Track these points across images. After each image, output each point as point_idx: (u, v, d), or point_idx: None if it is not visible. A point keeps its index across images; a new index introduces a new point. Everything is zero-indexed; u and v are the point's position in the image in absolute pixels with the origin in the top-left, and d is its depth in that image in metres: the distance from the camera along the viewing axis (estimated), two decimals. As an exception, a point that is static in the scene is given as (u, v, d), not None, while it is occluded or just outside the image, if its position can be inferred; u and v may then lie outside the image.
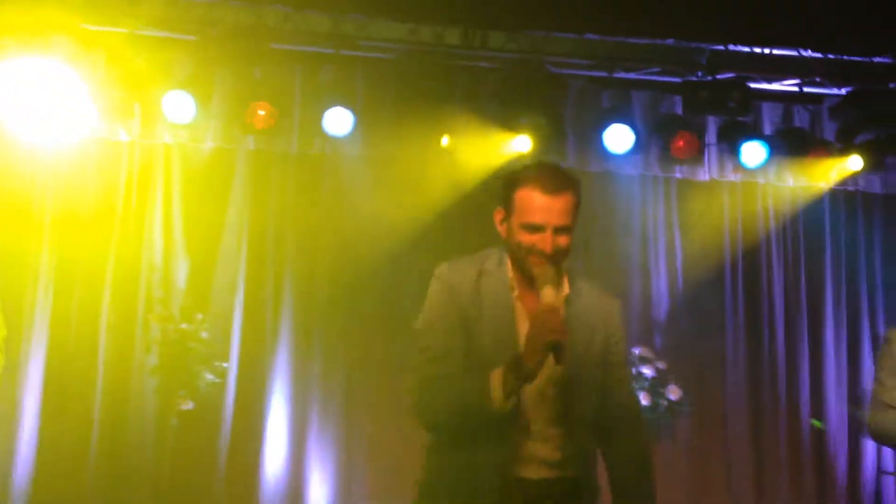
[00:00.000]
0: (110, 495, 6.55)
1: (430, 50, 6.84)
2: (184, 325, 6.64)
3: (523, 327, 2.85)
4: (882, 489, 7.58)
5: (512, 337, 2.85)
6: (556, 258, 2.87)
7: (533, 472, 2.87)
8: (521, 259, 2.90)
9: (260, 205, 7.11)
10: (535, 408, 2.87)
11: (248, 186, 7.11)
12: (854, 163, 7.29)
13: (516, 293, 2.92)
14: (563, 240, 2.88)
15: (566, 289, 2.98)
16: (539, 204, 2.85)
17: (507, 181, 2.95)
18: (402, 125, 6.87)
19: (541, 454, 2.88)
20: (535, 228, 2.85)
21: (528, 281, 2.90)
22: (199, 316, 6.72)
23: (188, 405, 6.58)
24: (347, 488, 7.00)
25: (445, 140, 6.90)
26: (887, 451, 7.41)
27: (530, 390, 2.83)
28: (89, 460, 6.56)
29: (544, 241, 2.84)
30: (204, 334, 6.65)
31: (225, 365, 6.80)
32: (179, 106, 6.63)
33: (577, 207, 2.91)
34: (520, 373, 2.71)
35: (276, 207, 7.15)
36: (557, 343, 2.66)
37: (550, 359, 2.69)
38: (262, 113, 6.72)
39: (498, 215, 2.97)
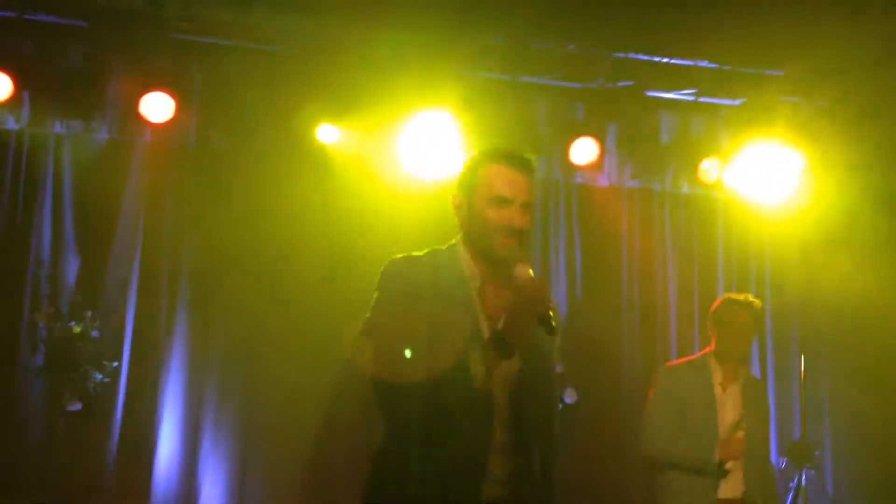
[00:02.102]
0: (-6, 499, 6.26)
1: (334, 44, 6.75)
2: (73, 324, 6.37)
3: (484, 322, 2.76)
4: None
5: (474, 333, 2.72)
6: (522, 238, 2.79)
7: (484, 492, 2.70)
8: (485, 240, 2.80)
9: (156, 199, 6.91)
10: (498, 402, 2.73)
11: (144, 180, 6.89)
12: (746, 172, 7.50)
13: (477, 284, 2.81)
14: (527, 219, 2.81)
15: None
16: (506, 177, 2.79)
17: (469, 161, 2.89)
18: (303, 121, 6.77)
19: (495, 469, 2.71)
20: (504, 202, 2.77)
21: (489, 269, 2.81)
22: (89, 314, 6.45)
23: (76, 406, 6.31)
24: (241, 492, 6.83)
25: (325, 132, 6.80)
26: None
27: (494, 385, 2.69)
28: (-30, 464, 6.26)
29: (512, 216, 2.77)
30: (94, 333, 6.39)
31: (115, 364, 6.57)
32: (72, 94, 6.39)
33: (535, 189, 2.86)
34: (503, 348, 2.61)
35: (173, 202, 6.95)
36: (546, 314, 2.59)
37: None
38: (158, 105, 6.53)
39: (456, 199, 2.88)
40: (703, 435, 4.79)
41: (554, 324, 2.61)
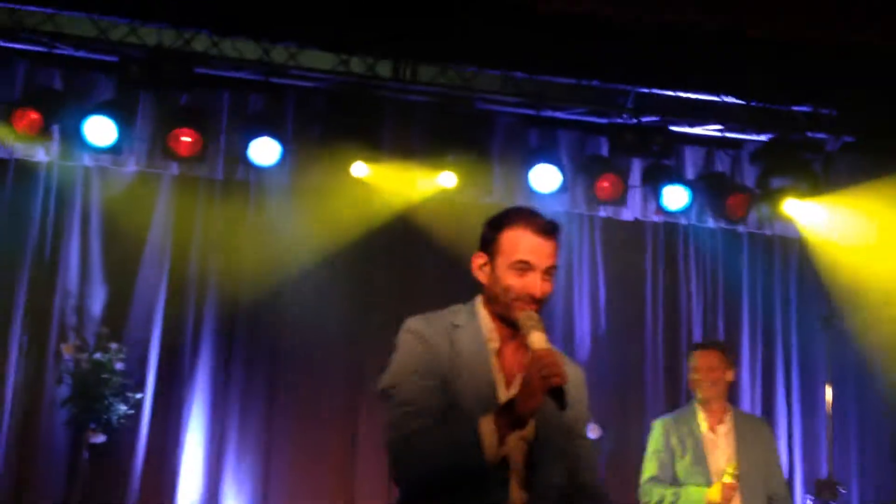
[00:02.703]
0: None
1: (360, 81, 6.78)
2: (98, 355, 6.39)
3: (501, 385, 2.73)
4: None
5: (490, 396, 2.69)
6: (541, 305, 2.73)
7: None
8: (504, 305, 2.74)
9: (182, 232, 6.92)
10: (514, 462, 2.68)
11: (170, 212, 6.93)
12: (780, 208, 7.46)
13: (496, 346, 2.77)
14: (548, 285, 2.76)
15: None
16: (530, 243, 2.72)
17: (491, 223, 2.82)
18: (329, 156, 6.80)
19: None
20: (526, 268, 2.71)
21: (508, 331, 2.76)
22: (115, 346, 6.47)
23: (100, 438, 6.33)
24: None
25: (359, 169, 6.82)
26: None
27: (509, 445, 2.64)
28: (-6, 495, 6.28)
29: (534, 283, 2.71)
30: (119, 365, 6.40)
31: (139, 396, 6.58)
32: (101, 128, 6.45)
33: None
34: (514, 418, 2.55)
35: (200, 235, 6.97)
36: (560, 388, 2.51)
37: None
38: (186, 139, 6.57)
39: (478, 260, 2.81)
40: (695, 480, 5.01)
41: (567, 398, 2.53)
